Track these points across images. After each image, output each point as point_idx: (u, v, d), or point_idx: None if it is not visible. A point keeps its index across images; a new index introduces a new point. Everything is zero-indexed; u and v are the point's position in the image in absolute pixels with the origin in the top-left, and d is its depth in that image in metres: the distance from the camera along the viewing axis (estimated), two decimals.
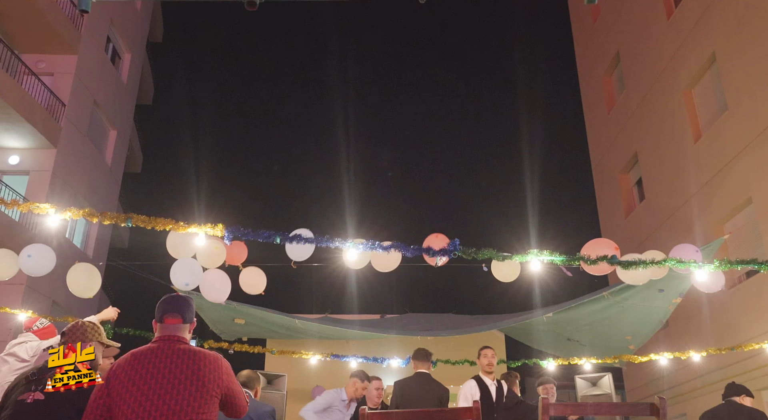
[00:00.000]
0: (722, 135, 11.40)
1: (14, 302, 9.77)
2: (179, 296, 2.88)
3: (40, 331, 4.91)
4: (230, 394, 2.66)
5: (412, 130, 44.91)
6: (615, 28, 16.22)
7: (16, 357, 4.76)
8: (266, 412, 4.68)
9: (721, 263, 5.44)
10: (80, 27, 15.55)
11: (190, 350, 2.64)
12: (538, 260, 5.25)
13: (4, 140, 14.03)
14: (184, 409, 2.45)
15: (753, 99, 10.42)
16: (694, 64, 12.33)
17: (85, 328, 3.05)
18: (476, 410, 3.46)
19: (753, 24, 10.47)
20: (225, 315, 8.05)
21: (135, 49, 19.60)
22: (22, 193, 13.61)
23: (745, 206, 10.90)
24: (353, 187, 30.32)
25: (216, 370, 2.61)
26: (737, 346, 8.57)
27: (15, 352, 4.68)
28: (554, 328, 8.67)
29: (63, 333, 3.07)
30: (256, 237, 4.92)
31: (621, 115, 15.98)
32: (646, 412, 3.41)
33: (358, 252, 5.21)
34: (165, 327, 2.72)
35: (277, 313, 8.15)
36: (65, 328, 3.11)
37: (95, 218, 4.98)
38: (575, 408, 4.70)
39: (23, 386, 2.80)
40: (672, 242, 12.74)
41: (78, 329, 3.04)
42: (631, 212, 15.62)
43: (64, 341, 2.97)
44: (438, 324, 9.75)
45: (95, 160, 16.88)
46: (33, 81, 13.98)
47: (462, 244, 5.04)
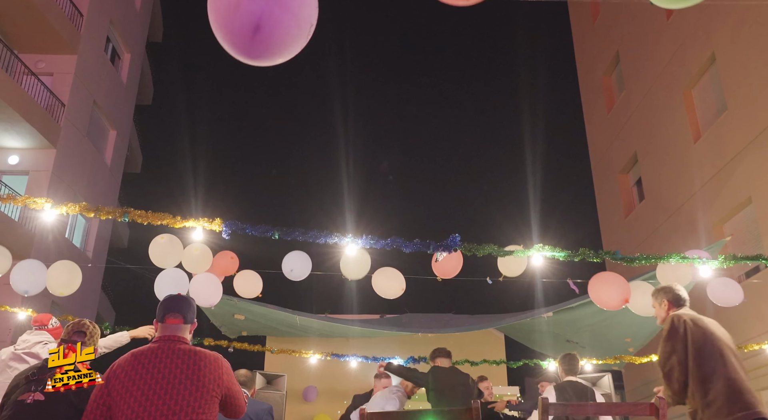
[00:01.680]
0: (722, 135, 11.40)
1: (14, 302, 9.75)
2: (181, 296, 2.88)
3: (54, 330, 4.82)
4: (230, 394, 2.66)
5: (412, 130, 44.92)
6: (615, 28, 16.22)
7: (39, 358, 4.66)
8: (264, 410, 4.68)
9: (726, 259, 5.38)
10: (80, 27, 15.54)
11: (191, 350, 2.64)
12: (540, 255, 5.24)
13: (3, 140, 14.03)
14: (184, 409, 2.45)
15: (753, 99, 10.42)
16: (694, 64, 12.33)
17: (85, 327, 3.05)
18: (476, 410, 3.46)
19: (753, 24, 10.48)
20: (225, 310, 8.06)
21: (135, 49, 19.59)
22: (21, 193, 13.60)
23: (745, 206, 10.90)
24: (353, 187, 30.35)
25: (216, 371, 2.61)
26: (737, 346, 8.55)
27: (38, 352, 4.54)
28: (554, 330, 8.68)
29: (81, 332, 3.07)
30: (254, 231, 4.90)
31: (621, 115, 15.97)
32: (645, 412, 3.40)
33: (357, 248, 5.20)
34: (166, 327, 2.72)
35: (278, 308, 8.16)
36: (67, 326, 3.11)
37: (91, 213, 4.96)
38: (575, 408, 4.69)
39: (23, 386, 2.80)
40: (672, 242, 12.76)
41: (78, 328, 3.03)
42: (630, 212, 15.62)
43: (65, 339, 2.97)
44: (437, 323, 9.76)
45: (95, 160, 16.87)
46: (32, 81, 13.97)
47: (462, 240, 5.03)
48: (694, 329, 3.48)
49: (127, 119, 19.39)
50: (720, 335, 3.52)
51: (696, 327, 3.49)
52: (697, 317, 3.58)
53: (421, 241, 5.01)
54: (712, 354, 3.41)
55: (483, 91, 47.98)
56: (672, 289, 3.84)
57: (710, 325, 3.55)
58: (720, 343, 3.47)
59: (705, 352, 3.41)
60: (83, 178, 15.96)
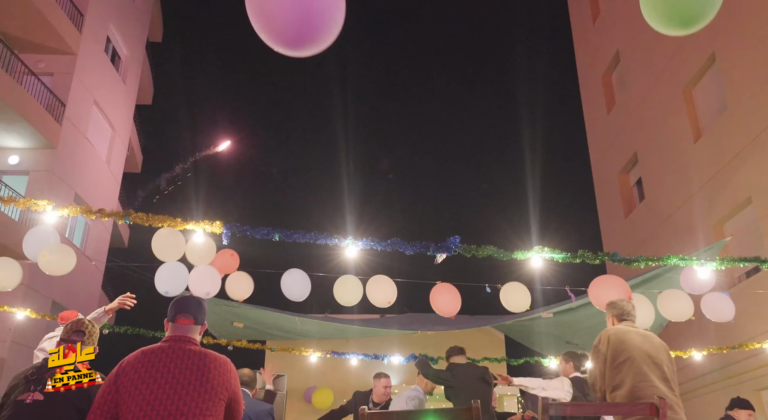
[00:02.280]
0: (722, 135, 11.40)
1: (14, 302, 9.76)
2: (192, 297, 2.90)
3: None
4: (235, 399, 2.68)
5: (412, 130, 44.92)
6: (615, 28, 16.21)
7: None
8: (264, 411, 4.67)
9: (723, 261, 5.40)
10: (80, 27, 15.55)
11: (201, 352, 2.65)
12: (540, 257, 5.24)
13: (3, 140, 14.03)
14: (192, 410, 2.46)
15: (753, 99, 10.42)
16: (694, 64, 12.33)
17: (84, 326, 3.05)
18: (476, 410, 3.45)
19: (753, 24, 10.47)
20: (224, 318, 8.05)
21: (135, 49, 19.59)
22: (21, 193, 13.60)
23: (745, 206, 10.90)
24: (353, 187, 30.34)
25: (225, 374, 2.63)
26: (738, 346, 8.56)
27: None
28: (554, 331, 8.68)
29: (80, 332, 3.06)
30: (254, 234, 4.91)
31: (621, 115, 15.97)
32: (645, 412, 3.39)
33: (357, 249, 5.21)
34: (176, 327, 2.74)
35: (277, 311, 8.14)
36: (65, 326, 3.10)
37: (93, 215, 4.97)
38: (575, 408, 4.69)
39: (22, 386, 2.79)
40: (672, 242, 12.73)
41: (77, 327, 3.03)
42: (630, 212, 15.62)
43: (64, 338, 2.97)
44: (437, 322, 9.76)
45: (95, 160, 16.87)
46: (33, 81, 13.97)
47: (462, 241, 5.03)
48: (614, 343, 3.83)
49: (127, 119, 19.39)
50: (645, 348, 3.81)
51: (617, 341, 3.84)
52: (623, 331, 3.91)
53: (421, 243, 5.02)
54: (623, 365, 3.74)
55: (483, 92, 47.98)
56: (617, 304, 4.19)
57: (633, 339, 3.85)
58: (637, 354, 3.76)
59: (617, 363, 3.76)
60: (83, 178, 15.96)
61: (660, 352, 3.83)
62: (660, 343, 3.90)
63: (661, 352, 3.83)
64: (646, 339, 3.89)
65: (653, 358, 3.76)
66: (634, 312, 4.13)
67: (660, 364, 3.76)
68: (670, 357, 3.88)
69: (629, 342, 3.81)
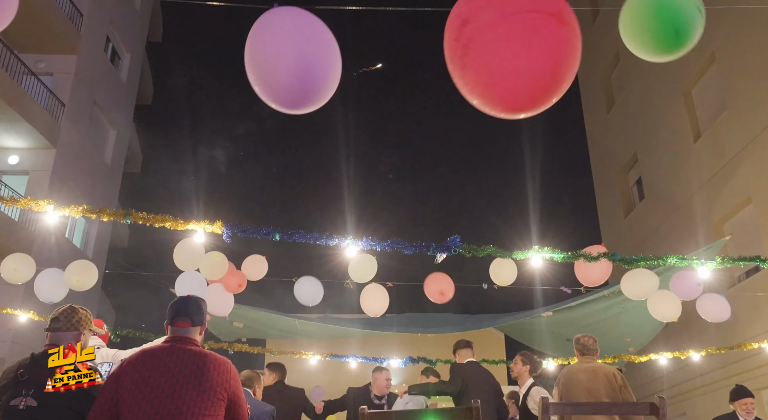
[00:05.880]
0: (722, 135, 11.40)
1: (14, 301, 9.75)
2: (189, 299, 2.89)
3: (104, 336, 4.70)
4: (236, 400, 2.68)
5: (412, 130, 44.95)
6: (615, 28, 16.14)
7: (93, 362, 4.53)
8: (266, 412, 4.66)
9: (723, 260, 5.39)
10: (80, 27, 15.54)
11: (201, 352, 2.67)
12: (539, 257, 5.24)
13: (3, 140, 14.02)
14: (191, 410, 2.47)
15: (753, 99, 10.43)
16: (694, 64, 12.33)
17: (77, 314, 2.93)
18: (476, 410, 3.45)
19: (753, 24, 10.48)
20: (224, 318, 8.06)
21: (134, 49, 19.59)
22: (21, 193, 13.60)
23: (744, 206, 10.90)
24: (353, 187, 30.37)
25: (224, 374, 2.64)
26: (737, 346, 8.56)
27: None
28: (553, 329, 8.69)
29: (55, 318, 2.89)
30: (255, 234, 4.91)
31: (621, 115, 15.98)
32: (645, 411, 3.40)
33: (357, 249, 5.21)
34: (175, 329, 2.77)
35: (277, 313, 8.16)
36: (56, 311, 2.96)
37: (93, 215, 4.97)
38: (575, 408, 4.69)
39: (13, 389, 2.67)
40: (671, 242, 12.74)
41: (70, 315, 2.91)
42: (630, 212, 15.62)
43: (56, 327, 2.86)
44: (437, 323, 9.77)
45: (95, 160, 16.87)
46: (33, 81, 13.97)
47: (462, 241, 5.03)
48: (564, 385, 4.51)
49: (127, 119, 19.38)
50: (586, 385, 4.41)
51: (566, 382, 4.50)
52: (573, 371, 4.53)
53: (420, 243, 5.01)
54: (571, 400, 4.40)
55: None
56: (579, 341, 4.74)
57: (578, 379, 4.46)
58: (580, 392, 4.39)
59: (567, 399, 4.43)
60: (83, 178, 15.96)
61: (599, 383, 4.38)
62: (603, 375, 4.42)
63: (600, 383, 4.38)
64: (592, 375, 4.45)
65: (592, 391, 4.34)
66: (594, 346, 4.69)
67: (598, 397, 4.31)
68: (611, 383, 4.36)
69: (574, 382, 4.47)
